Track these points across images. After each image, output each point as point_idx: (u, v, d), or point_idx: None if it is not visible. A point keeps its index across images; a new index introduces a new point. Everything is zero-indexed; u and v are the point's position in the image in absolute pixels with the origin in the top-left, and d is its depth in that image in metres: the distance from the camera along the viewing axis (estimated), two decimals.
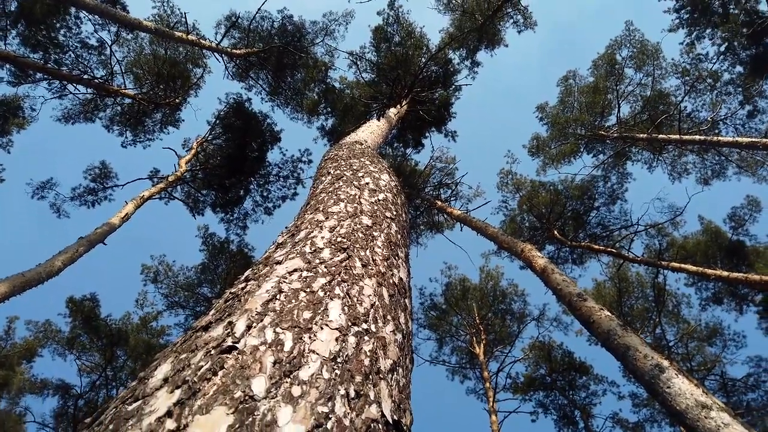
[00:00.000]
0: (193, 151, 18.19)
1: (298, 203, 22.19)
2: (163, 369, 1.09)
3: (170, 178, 16.47)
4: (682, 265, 17.19)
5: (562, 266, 20.78)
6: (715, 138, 16.29)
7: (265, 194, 18.79)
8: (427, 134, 18.06)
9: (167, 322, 18.49)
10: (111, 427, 0.90)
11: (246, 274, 1.73)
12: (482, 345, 21.85)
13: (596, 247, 19.63)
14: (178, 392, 0.98)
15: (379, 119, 10.67)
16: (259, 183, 18.74)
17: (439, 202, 18.32)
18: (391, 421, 1.23)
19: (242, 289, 1.54)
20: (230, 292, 1.55)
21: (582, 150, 23.04)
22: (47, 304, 19.14)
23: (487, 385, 20.58)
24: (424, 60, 16.43)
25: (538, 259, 11.34)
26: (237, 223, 18.63)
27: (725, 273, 16.35)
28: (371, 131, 8.61)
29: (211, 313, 1.40)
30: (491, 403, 19.72)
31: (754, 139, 14.93)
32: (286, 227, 2.55)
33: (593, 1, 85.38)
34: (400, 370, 1.52)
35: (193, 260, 22.58)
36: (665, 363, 6.17)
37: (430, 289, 24.71)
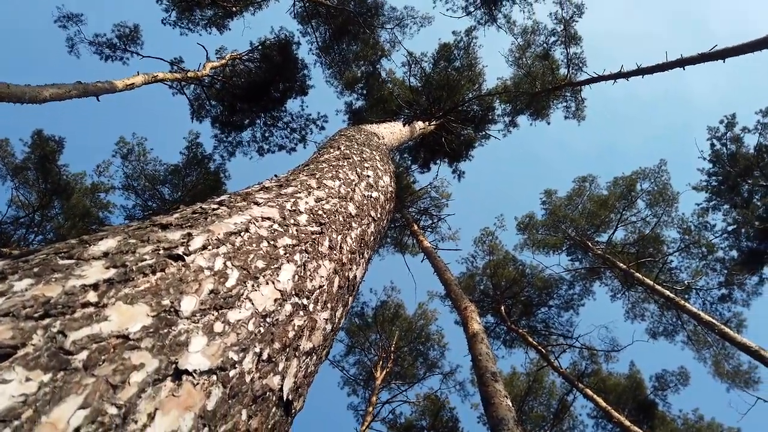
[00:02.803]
0: (223, 62, 17.94)
1: (291, 160, 22.07)
2: (108, 243, 1.07)
3: (189, 74, 16.23)
4: (595, 396, 17.51)
5: (492, 341, 20.98)
6: (682, 302, 16.66)
7: (267, 135, 18.62)
8: (438, 161, 18.13)
9: (114, 200, 18.05)
10: (36, 270, 0.88)
11: (222, 198, 1.71)
12: (385, 372, 21.90)
13: (530, 340, 19.89)
14: (112, 271, 0.96)
15: (404, 125, 10.68)
16: (266, 122, 18.56)
17: (416, 226, 18.37)
18: (285, 399, 1.22)
19: (213, 209, 1.52)
20: (200, 207, 1.52)
21: (563, 249, 23.37)
22: (14, 126, 18.67)
23: (370, 409, 20.62)
24: (470, 95, 16.51)
25: (474, 322, 11.41)
26: (227, 147, 18.42)
27: (627, 422, 16.70)
28: (392, 132, 8.61)
29: (175, 216, 1.38)
30: (364, 427, 19.76)
31: (714, 321, 15.31)
32: (275, 175, 2.53)
33: (643, 127, 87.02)
34: (315, 358, 1.51)
35: (168, 159, 22.17)
36: None
37: (366, 298, 24.72)
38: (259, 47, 18.28)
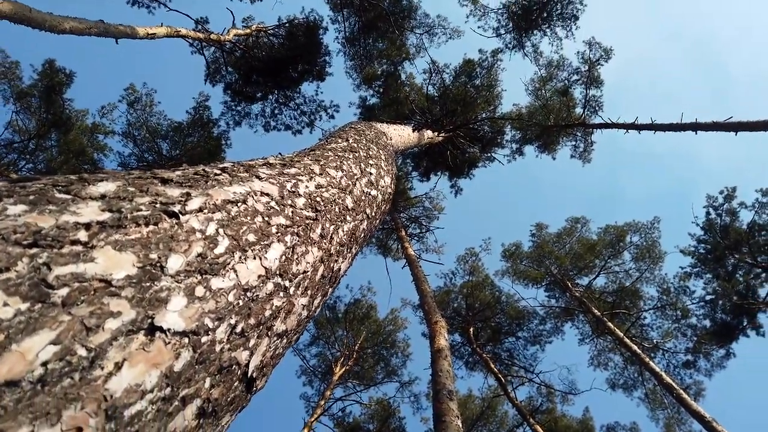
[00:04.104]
0: (248, 31, 17.87)
1: (294, 142, 22.00)
2: (107, 186, 1.06)
3: (212, 36, 16.16)
4: None
5: (455, 360, 21.05)
6: (647, 360, 16.79)
7: (276, 112, 18.57)
8: (438, 173, 18.17)
9: (112, 144, 17.91)
10: (31, 198, 0.87)
11: (225, 164, 1.70)
12: (344, 369, 21.89)
13: (492, 366, 19.96)
14: (107, 215, 0.95)
15: (413, 131, 10.69)
16: (278, 99, 18.51)
17: (403, 232, 18.39)
18: (249, 375, 1.22)
19: (215, 174, 1.51)
20: (203, 169, 1.52)
21: (543, 285, 23.48)
22: (28, 51, 18.46)
23: (322, 403, 20.60)
24: (484, 115, 16.57)
25: (442, 338, 11.43)
26: (235, 116, 18.35)
27: None
28: (400, 135, 8.61)
29: (177, 173, 1.37)
30: (312, 419, 19.74)
31: (674, 384, 15.45)
32: (280, 153, 2.53)
33: (646, 178, 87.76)
34: (285, 341, 1.51)
35: (173, 115, 22.04)
36: None
37: (341, 293, 24.69)
38: (287, 24, 18.22)
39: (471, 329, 21.29)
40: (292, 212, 1.70)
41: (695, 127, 13.03)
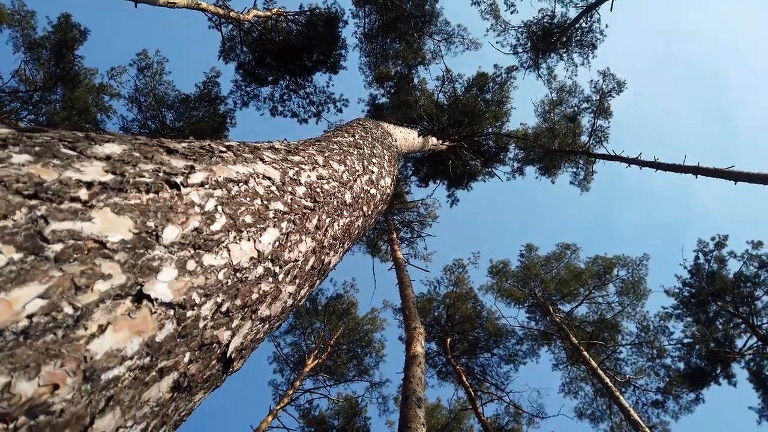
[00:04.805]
0: (268, 13, 17.82)
1: (299, 130, 21.98)
2: (113, 148, 1.06)
3: (232, 13, 16.11)
4: None
5: (428, 368, 21.06)
6: (618, 393, 16.85)
7: (285, 98, 18.53)
8: (437, 181, 18.19)
9: (117, 107, 17.83)
10: (37, 149, 0.86)
11: (231, 143, 1.70)
12: (316, 362, 21.86)
13: (464, 379, 19.98)
14: (110, 177, 0.95)
15: (419, 136, 10.70)
16: (289, 86, 18.47)
17: (394, 235, 18.39)
18: (227, 356, 1.22)
19: (221, 151, 1.50)
20: (209, 144, 1.51)
21: (525, 306, 23.55)
22: (44, 1, 18.38)
23: (290, 392, 20.56)
24: (491, 129, 16.60)
25: (418, 344, 11.44)
26: (243, 96, 18.29)
27: None
28: (406, 138, 8.62)
29: (183, 144, 1.37)
30: (279, 407, 19.70)
31: (640, 422, 15.51)
32: (285, 139, 2.52)
33: (642, 213, 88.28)
34: (267, 326, 1.50)
35: (181, 87, 21.96)
36: None
37: (324, 286, 24.67)
38: (307, 12, 18.18)
39: (448, 340, 21.33)
40: (291, 200, 1.69)
41: (696, 171, 13.11)
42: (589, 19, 18.61)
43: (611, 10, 17.40)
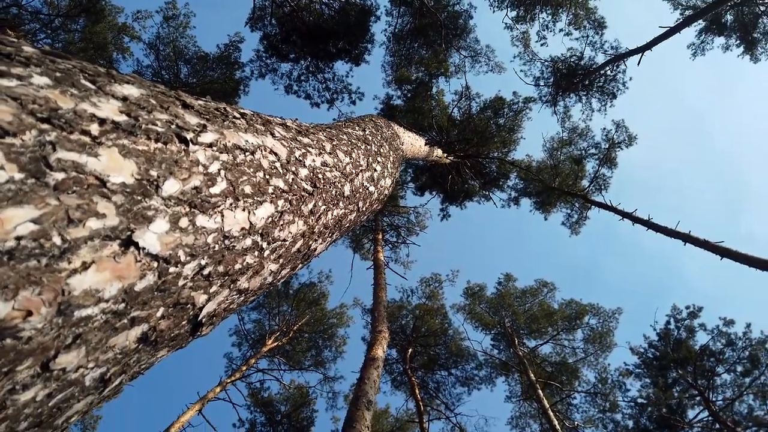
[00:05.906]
0: None
1: (309, 113, 21.94)
2: (131, 90, 1.05)
3: None
4: None
5: (384, 373, 21.07)
6: None
7: (302, 78, 18.46)
8: (434, 193, 18.22)
9: (135, 50, 17.68)
10: (58, 75, 0.85)
11: (246, 111, 1.69)
12: (276, 344, 21.78)
13: (416, 392, 20.01)
14: (123, 118, 0.94)
15: (426, 145, 10.72)
16: (309, 67, 18.40)
17: (380, 236, 18.40)
18: (198, 318, 1.21)
19: (234, 117, 1.50)
20: (224, 107, 1.50)
21: (492, 333, 23.63)
22: None
23: (243, 368, 20.47)
24: (496, 154, 16.66)
25: (380, 348, 11.46)
26: (261, 67, 18.18)
27: None
28: (413, 144, 8.63)
29: (199, 102, 1.36)
30: (229, 380, 19.60)
31: None
32: (297, 119, 2.52)
33: (626, 266, 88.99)
34: (242, 299, 1.50)
35: (203, 45, 21.80)
36: None
37: (300, 271, 24.54)
38: None
39: (410, 350, 21.35)
40: (293, 180, 1.69)
41: (686, 238, 13.24)
42: (615, 68, 18.74)
43: (638, 64, 17.54)
